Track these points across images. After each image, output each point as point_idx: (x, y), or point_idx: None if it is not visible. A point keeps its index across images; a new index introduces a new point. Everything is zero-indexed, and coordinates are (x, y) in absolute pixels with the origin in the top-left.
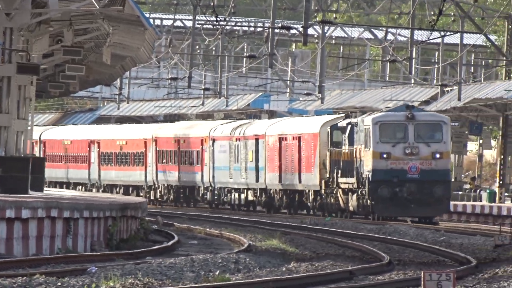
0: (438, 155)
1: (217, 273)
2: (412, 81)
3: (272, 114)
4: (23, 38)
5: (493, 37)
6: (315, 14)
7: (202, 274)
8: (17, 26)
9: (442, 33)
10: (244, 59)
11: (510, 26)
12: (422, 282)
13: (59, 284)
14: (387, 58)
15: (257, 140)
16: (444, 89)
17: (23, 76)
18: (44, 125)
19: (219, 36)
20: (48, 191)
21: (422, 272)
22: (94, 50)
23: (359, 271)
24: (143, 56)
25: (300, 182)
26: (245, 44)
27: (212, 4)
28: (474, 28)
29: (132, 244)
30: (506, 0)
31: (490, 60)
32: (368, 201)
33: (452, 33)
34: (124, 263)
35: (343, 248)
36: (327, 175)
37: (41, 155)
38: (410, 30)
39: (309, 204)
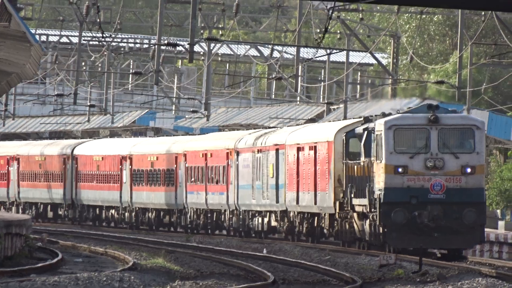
0: (469, 170)
1: None
2: (298, 99)
3: (157, 132)
4: None
5: (380, 56)
6: (202, 31)
7: None
8: None
9: (328, 51)
10: (130, 76)
11: (396, 45)
12: None
13: None
14: (273, 76)
15: (277, 151)
16: (330, 107)
17: None
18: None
19: (105, 53)
20: None
21: None
22: None
23: None
24: (29, 72)
25: (315, 203)
26: (131, 61)
27: (98, 20)
28: (361, 46)
29: (17, 261)
30: (392, 19)
31: (376, 79)
32: (380, 228)
33: (338, 51)
34: (8, 280)
35: (228, 266)
36: (342, 195)
37: (73, 172)
38: (296, 47)
39: (325, 231)
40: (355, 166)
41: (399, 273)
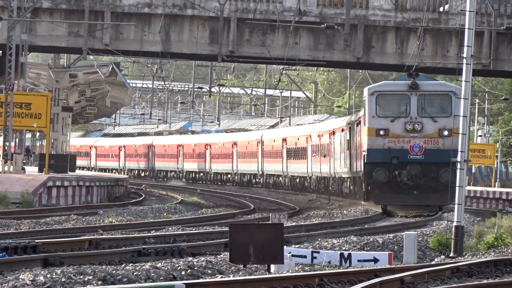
0: (446, 132)
1: (164, 214)
2: (265, 115)
3: (193, 133)
4: (65, 93)
5: (307, 92)
6: (215, 80)
7: (157, 215)
8: (61, 87)
9: (281, 90)
10: (179, 104)
11: (315, 87)
12: (270, 219)
13: (83, 219)
14: (252, 103)
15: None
16: (282, 119)
17: (64, 113)
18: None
19: (165, 92)
20: (78, 172)
21: (270, 213)
22: (101, 99)
23: (238, 213)
24: (127, 102)
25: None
26: (179, 96)
27: (162, 75)
28: (297, 88)
29: (121, 199)
30: (313, 72)
31: (304, 105)
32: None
33: (286, 90)
34: (117, 209)
35: (230, 201)
36: None
37: (262, 152)
38: (264, 89)
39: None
40: None
41: (318, 204)
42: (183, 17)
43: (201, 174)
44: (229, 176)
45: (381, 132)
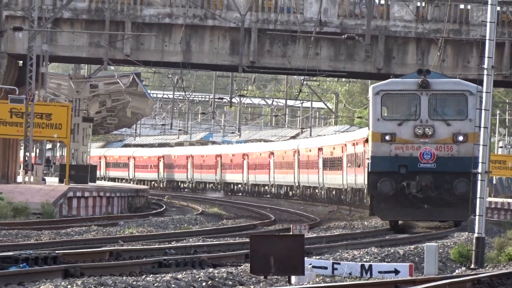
0: (461, 138)
1: (185, 225)
2: (286, 126)
3: (213, 143)
4: (85, 103)
5: (328, 103)
6: (236, 90)
7: (177, 226)
8: (82, 97)
9: (302, 101)
10: (199, 114)
11: (335, 99)
12: (291, 230)
13: (104, 230)
14: (273, 114)
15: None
16: (303, 130)
17: (85, 123)
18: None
19: (186, 102)
20: (98, 182)
21: (291, 225)
22: (122, 110)
23: (258, 224)
24: (147, 113)
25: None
26: (200, 107)
27: (182, 86)
28: (317, 98)
29: (142, 210)
30: (335, 83)
31: (325, 116)
32: (370, 199)
33: (307, 101)
34: (137, 219)
35: (251, 212)
36: None
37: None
38: (284, 99)
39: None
40: None
41: (338, 215)
42: (204, 27)
43: (239, 185)
44: (266, 187)
45: (387, 137)
